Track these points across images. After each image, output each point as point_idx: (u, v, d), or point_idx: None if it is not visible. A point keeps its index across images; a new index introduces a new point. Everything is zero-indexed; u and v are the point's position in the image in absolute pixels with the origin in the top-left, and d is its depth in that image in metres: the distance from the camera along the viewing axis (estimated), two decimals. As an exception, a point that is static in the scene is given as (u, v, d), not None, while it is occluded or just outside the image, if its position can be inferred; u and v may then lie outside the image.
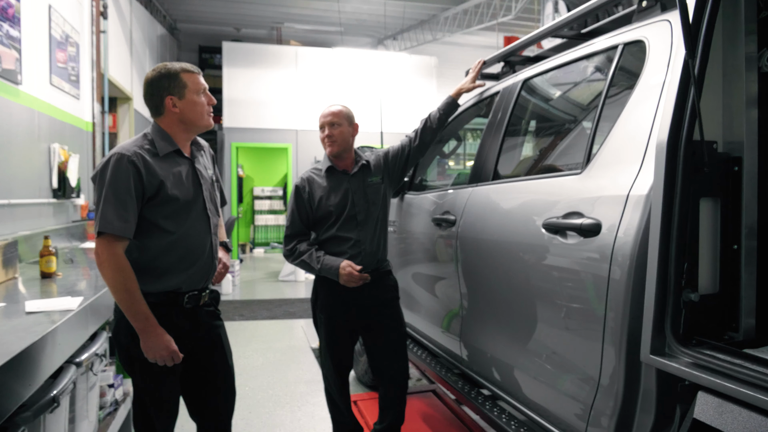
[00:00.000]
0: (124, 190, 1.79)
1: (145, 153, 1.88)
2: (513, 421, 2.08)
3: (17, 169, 3.57)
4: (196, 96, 1.95)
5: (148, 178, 1.84)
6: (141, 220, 1.85)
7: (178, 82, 1.92)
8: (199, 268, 1.99)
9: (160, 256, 1.90)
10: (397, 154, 2.69)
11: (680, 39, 1.54)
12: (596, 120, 1.82)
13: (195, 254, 1.97)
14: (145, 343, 1.82)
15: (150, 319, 1.82)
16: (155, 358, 1.83)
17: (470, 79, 2.80)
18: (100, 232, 1.77)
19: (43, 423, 1.69)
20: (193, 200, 1.97)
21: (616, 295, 1.53)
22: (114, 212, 1.77)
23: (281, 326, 5.86)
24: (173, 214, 1.91)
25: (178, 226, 1.92)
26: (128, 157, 1.82)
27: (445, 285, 2.69)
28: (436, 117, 2.73)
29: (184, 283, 1.95)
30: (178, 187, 1.92)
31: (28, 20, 3.75)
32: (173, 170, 1.93)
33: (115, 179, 1.79)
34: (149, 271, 1.89)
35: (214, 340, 2.09)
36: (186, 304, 1.96)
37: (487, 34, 11.69)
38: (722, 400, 1.20)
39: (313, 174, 2.61)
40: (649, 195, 1.48)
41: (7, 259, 2.50)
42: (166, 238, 1.90)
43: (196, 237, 1.98)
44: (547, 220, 1.82)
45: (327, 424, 3.22)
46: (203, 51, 12.33)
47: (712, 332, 1.41)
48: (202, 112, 1.98)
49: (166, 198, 1.88)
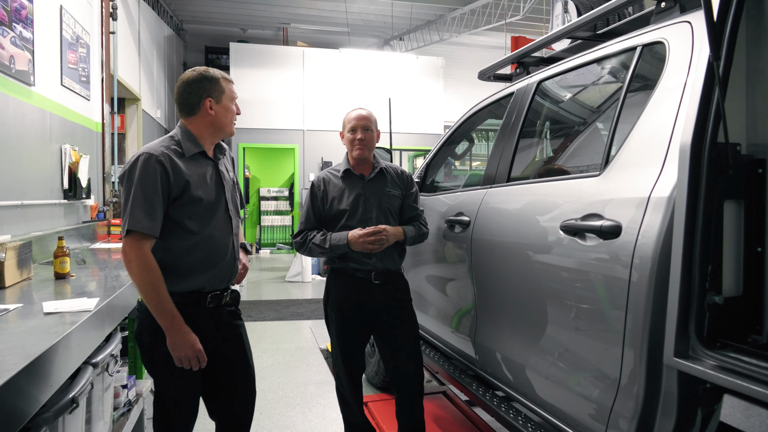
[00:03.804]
0: (152, 189, 1.82)
1: (172, 153, 1.91)
2: (530, 423, 2.08)
3: (29, 170, 3.58)
4: (230, 103, 2.03)
5: (174, 178, 1.87)
6: (166, 220, 1.88)
7: (218, 87, 1.99)
8: (222, 269, 2.02)
9: (185, 256, 1.93)
10: (408, 198, 2.66)
11: (702, 40, 1.54)
12: (615, 122, 1.81)
13: (218, 255, 2.00)
14: (171, 340, 1.85)
15: (176, 318, 1.84)
16: (180, 357, 1.86)
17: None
18: (129, 230, 1.80)
19: (63, 424, 1.70)
20: (216, 201, 2.00)
21: (637, 297, 1.52)
22: (142, 211, 1.80)
23: (289, 327, 5.86)
24: (197, 215, 1.93)
25: (202, 227, 1.95)
26: (156, 156, 1.85)
27: (458, 286, 2.69)
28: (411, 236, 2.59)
29: (207, 283, 1.98)
30: (203, 187, 1.95)
31: (41, 21, 3.77)
32: (198, 171, 1.97)
33: (143, 178, 1.82)
34: (174, 270, 1.91)
35: (235, 340, 2.11)
36: (209, 304, 1.99)
37: (494, 35, 11.69)
38: (749, 403, 1.19)
39: (330, 174, 2.63)
40: (671, 197, 1.47)
41: (21, 260, 2.51)
42: (191, 239, 1.93)
43: (219, 237, 2.01)
44: (566, 222, 1.81)
45: (338, 426, 3.22)
46: (209, 52, 12.36)
47: (736, 335, 1.40)
48: (232, 119, 2.05)
49: (191, 198, 1.91)
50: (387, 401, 3.50)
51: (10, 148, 3.27)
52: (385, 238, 2.42)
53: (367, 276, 2.52)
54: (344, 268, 2.56)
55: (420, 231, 2.61)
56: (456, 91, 12.44)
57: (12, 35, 3.24)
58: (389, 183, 2.60)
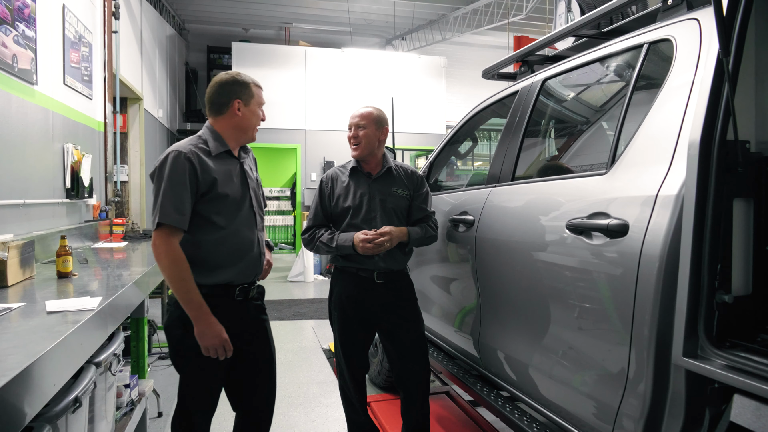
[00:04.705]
0: (181, 184, 1.92)
1: (200, 151, 2.01)
2: (535, 423, 2.07)
3: (32, 169, 3.58)
4: (257, 108, 2.14)
5: (202, 175, 1.97)
6: (195, 215, 1.98)
7: (248, 91, 2.10)
8: (248, 263, 2.11)
9: (213, 250, 2.02)
10: (417, 199, 2.63)
11: (710, 37, 1.53)
12: (621, 119, 1.80)
13: (243, 249, 2.09)
14: (199, 330, 1.93)
15: (203, 308, 1.93)
16: (207, 346, 1.94)
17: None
18: (159, 223, 1.90)
19: (66, 423, 1.69)
20: (241, 198, 2.09)
21: (645, 296, 1.51)
22: (171, 205, 1.90)
23: (291, 327, 5.85)
24: (224, 210, 2.03)
25: (229, 222, 2.04)
26: (185, 154, 1.95)
27: (462, 285, 2.67)
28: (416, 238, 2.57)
29: (235, 277, 2.07)
30: (229, 184, 2.05)
31: (43, 20, 3.76)
32: (224, 169, 2.06)
33: (173, 174, 1.92)
34: (203, 264, 2.01)
35: (260, 335, 2.23)
36: (237, 296, 2.08)
37: (496, 34, 11.67)
38: (760, 403, 1.18)
39: (338, 171, 2.65)
40: (679, 195, 1.46)
41: (24, 259, 2.50)
42: (218, 233, 2.02)
43: (245, 233, 2.10)
44: (572, 221, 1.80)
45: (341, 425, 3.21)
46: (211, 51, 12.34)
47: (745, 334, 1.38)
48: (256, 124, 2.15)
49: (218, 194, 2.00)
50: (390, 401, 3.49)
51: (12, 147, 3.26)
52: (384, 242, 2.40)
53: (369, 275, 2.51)
54: (347, 267, 2.55)
55: (427, 233, 2.58)
56: (458, 91, 12.42)
57: (15, 34, 3.23)
58: (397, 183, 2.58)
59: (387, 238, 2.40)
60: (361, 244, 2.41)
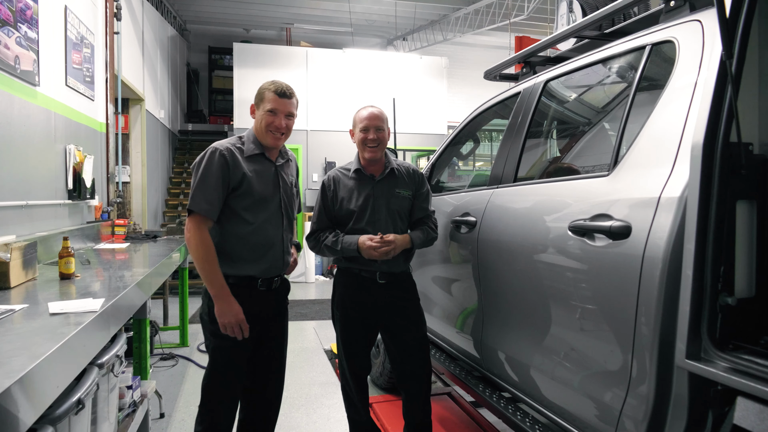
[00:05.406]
0: (213, 178, 2.14)
1: (235, 150, 2.21)
2: (537, 425, 2.06)
3: (34, 170, 3.58)
4: (264, 113, 2.24)
5: (234, 171, 2.17)
6: (226, 207, 2.19)
7: (260, 95, 2.26)
8: (270, 260, 2.27)
9: (236, 243, 2.21)
10: (419, 198, 2.63)
11: (713, 39, 1.53)
12: (624, 121, 1.80)
13: (266, 246, 2.26)
14: (219, 308, 2.13)
15: (224, 288, 2.14)
16: (225, 323, 2.13)
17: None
18: (190, 210, 2.13)
19: (69, 425, 1.69)
20: (270, 198, 2.27)
21: (648, 298, 1.51)
22: (202, 196, 2.13)
23: (293, 327, 5.83)
24: (252, 207, 2.21)
25: (255, 218, 2.22)
26: (221, 151, 2.17)
27: (464, 287, 2.67)
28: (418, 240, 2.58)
29: (257, 272, 2.25)
30: (259, 183, 2.23)
31: (46, 22, 3.77)
32: (257, 168, 2.25)
33: (208, 168, 2.15)
34: (226, 256, 2.20)
35: (277, 329, 2.40)
36: (260, 287, 2.27)
37: (498, 35, 11.66)
38: (764, 406, 1.17)
39: (340, 173, 2.62)
40: (682, 197, 1.46)
41: (26, 260, 2.50)
42: (245, 228, 2.21)
43: (270, 231, 2.27)
44: (574, 223, 1.80)
45: (342, 427, 3.21)
46: (213, 52, 12.35)
47: (749, 337, 1.38)
48: (266, 130, 2.25)
49: (246, 191, 2.19)
50: (392, 402, 3.49)
51: (15, 149, 3.27)
52: (389, 251, 2.41)
53: (372, 275, 2.51)
54: (350, 268, 2.55)
55: (428, 236, 2.58)
56: (460, 92, 12.41)
57: (17, 35, 3.24)
58: (399, 183, 2.58)
59: (391, 248, 2.41)
60: (366, 249, 2.41)
